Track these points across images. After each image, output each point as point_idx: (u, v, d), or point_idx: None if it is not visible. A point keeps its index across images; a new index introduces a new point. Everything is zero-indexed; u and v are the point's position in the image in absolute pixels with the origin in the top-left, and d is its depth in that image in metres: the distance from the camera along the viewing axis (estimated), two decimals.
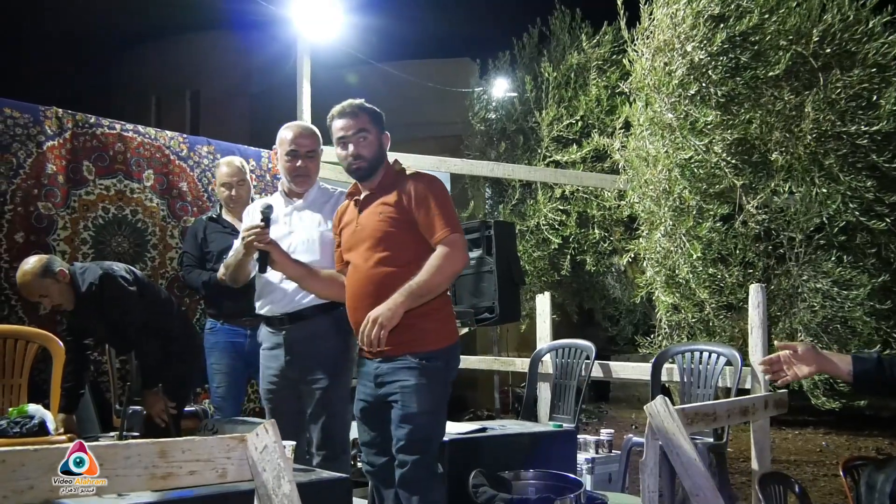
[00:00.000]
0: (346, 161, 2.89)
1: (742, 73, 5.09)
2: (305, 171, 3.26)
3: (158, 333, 3.85)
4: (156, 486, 1.86)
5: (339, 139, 2.88)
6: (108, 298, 3.70)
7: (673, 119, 5.13)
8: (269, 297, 3.25)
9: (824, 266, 5.09)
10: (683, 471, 3.12)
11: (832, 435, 8.39)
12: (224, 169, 4.26)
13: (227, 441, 1.97)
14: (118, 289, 3.71)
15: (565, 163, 7.26)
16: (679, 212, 5.17)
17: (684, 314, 5.30)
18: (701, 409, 3.64)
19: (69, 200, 4.67)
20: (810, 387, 5.07)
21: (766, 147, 5.33)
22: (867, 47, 5.03)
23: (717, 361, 4.37)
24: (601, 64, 7.33)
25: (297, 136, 3.24)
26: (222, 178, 4.24)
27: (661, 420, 3.21)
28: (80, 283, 3.68)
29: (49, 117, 4.62)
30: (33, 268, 3.57)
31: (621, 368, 5.03)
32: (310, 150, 3.26)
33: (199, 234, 4.24)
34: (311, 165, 3.28)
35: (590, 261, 7.30)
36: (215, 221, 4.27)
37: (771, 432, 8.31)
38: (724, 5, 5.05)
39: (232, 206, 4.25)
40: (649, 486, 2.98)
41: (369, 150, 2.86)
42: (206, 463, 1.92)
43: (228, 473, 1.96)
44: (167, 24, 14.54)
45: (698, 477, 3.09)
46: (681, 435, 3.19)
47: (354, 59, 9.71)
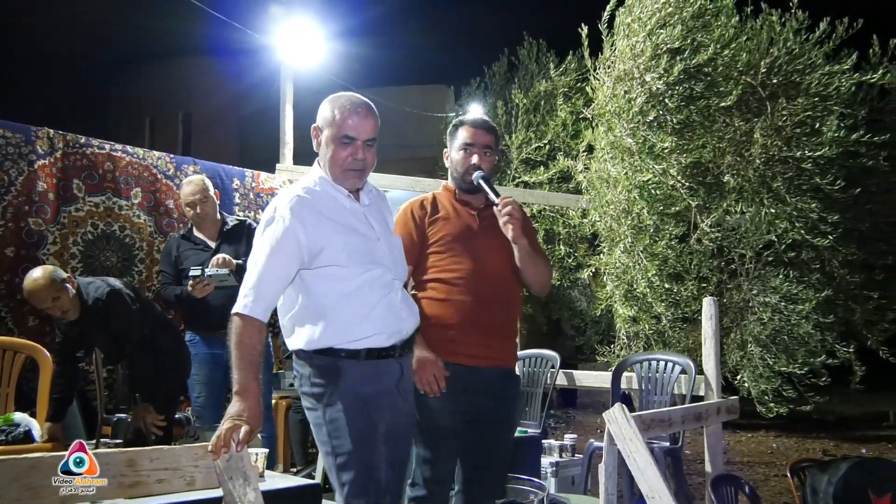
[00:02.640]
0: (467, 168, 2.52)
1: (696, 102, 5.13)
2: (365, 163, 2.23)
3: (153, 349, 3.72)
4: (124, 494, 1.80)
5: (469, 145, 2.53)
6: (113, 314, 3.59)
7: (632, 143, 5.15)
8: (371, 324, 2.15)
9: (773, 281, 5.13)
10: (640, 475, 3.09)
11: (783, 437, 8.42)
12: (187, 189, 4.12)
13: (195, 450, 1.91)
14: (124, 306, 3.61)
15: (533, 183, 7.26)
16: (637, 230, 5.18)
17: (642, 326, 5.30)
18: (657, 416, 3.62)
19: (59, 216, 4.57)
20: (759, 394, 5.08)
21: (718, 170, 5.36)
22: (810, 78, 5.09)
23: (672, 370, 4.37)
24: (567, 91, 7.37)
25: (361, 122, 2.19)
26: (186, 197, 4.10)
27: (619, 426, 3.18)
28: (85, 295, 3.58)
29: (41, 137, 4.54)
30: (45, 273, 3.46)
31: (584, 377, 5.00)
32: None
33: (173, 252, 4.13)
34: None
35: (556, 275, 7.29)
36: (187, 239, 4.16)
37: (726, 435, 8.35)
38: (682, 40, 5.08)
39: (199, 223, 4.14)
40: (608, 488, 2.96)
41: (489, 167, 2.58)
42: (175, 472, 1.86)
43: (197, 481, 1.90)
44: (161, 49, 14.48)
45: (654, 480, 3.06)
46: (637, 440, 3.16)
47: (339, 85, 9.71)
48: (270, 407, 4.35)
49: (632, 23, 5.20)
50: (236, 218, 4.32)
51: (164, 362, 3.78)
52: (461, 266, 2.45)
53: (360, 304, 2.12)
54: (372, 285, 2.14)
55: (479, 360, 2.42)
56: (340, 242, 2.12)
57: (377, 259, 2.18)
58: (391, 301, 2.18)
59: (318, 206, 2.14)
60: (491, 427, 2.49)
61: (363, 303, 2.12)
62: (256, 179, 5.69)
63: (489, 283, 2.47)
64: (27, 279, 3.48)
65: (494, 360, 2.46)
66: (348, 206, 2.20)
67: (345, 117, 2.13)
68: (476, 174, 2.51)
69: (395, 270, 2.24)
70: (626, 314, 5.27)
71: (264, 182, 5.74)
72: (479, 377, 2.42)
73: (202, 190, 4.09)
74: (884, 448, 7.54)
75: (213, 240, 4.12)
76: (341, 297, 2.11)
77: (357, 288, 2.12)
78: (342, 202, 2.19)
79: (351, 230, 2.17)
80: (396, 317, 2.19)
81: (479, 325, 2.43)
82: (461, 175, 2.55)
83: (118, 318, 3.61)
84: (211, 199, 4.13)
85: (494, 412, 2.48)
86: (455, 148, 2.58)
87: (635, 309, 5.23)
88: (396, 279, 2.24)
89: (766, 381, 4.99)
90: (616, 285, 5.32)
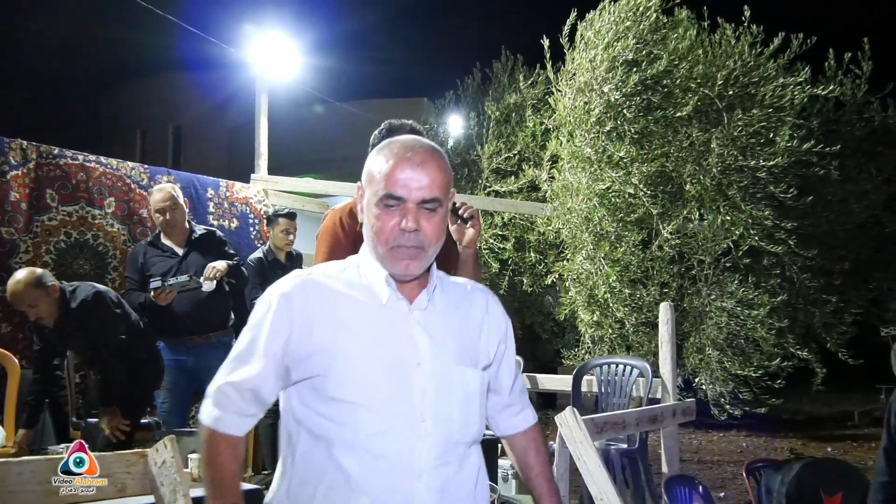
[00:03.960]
0: None
1: (654, 112, 5.12)
2: None
3: (128, 357, 3.66)
4: (52, 501, 1.75)
5: None
6: (96, 316, 3.54)
7: (592, 153, 5.14)
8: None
9: (729, 286, 5.11)
10: (589, 477, 3.07)
11: (752, 437, 8.42)
12: (156, 196, 4.07)
13: (127, 457, 1.88)
14: (107, 308, 3.57)
15: (504, 192, 7.25)
16: (598, 237, 5.16)
17: (606, 330, 5.28)
18: (610, 419, 3.60)
19: (32, 226, 4.51)
20: (715, 396, 5.06)
21: (680, 178, 5.36)
22: (764, 90, 5.09)
23: (630, 373, 4.36)
24: (535, 103, 7.36)
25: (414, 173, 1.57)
26: (156, 204, 4.05)
27: (570, 429, 3.16)
28: (69, 300, 3.52)
29: (14, 149, 4.48)
30: (26, 278, 3.41)
31: (547, 380, 4.98)
32: None
33: (139, 258, 4.07)
34: None
35: (526, 281, 7.27)
36: (154, 246, 4.10)
37: (697, 435, 8.36)
38: (637, 52, 5.08)
39: (168, 230, 4.08)
40: (559, 490, 2.92)
41: None
42: (105, 478, 1.83)
43: (128, 488, 1.86)
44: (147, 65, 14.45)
45: (602, 482, 3.04)
46: (587, 443, 3.14)
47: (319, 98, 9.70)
48: None
49: (592, 36, 5.20)
50: (205, 227, 4.28)
51: (137, 369, 3.72)
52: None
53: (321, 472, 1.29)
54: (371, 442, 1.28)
55: None
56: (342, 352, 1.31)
57: (403, 397, 1.31)
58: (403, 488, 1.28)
59: (328, 296, 1.35)
60: None
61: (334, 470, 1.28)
62: (231, 189, 5.65)
63: None
64: (10, 280, 3.45)
65: None
66: (385, 304, 1.36)
67: (394, 167, 1.33)
68: None
69: (443, 427, 1.32)
70: (588, 318, 5.25)
71: (239, 192, 5.70)
72: None
73: (171, 197, 4.05)
74: (848, 446, 7.56)
75: (181, 247, 4.07)
76: (307, 444, 1.33)
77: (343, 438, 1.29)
78: (375, 297, 1.36)
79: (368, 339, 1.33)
80: None
81: None
82: None
83: (100, 320, 3.56)
84: (180, 207, 4.08)
85: None
86: None
87: (597, 313, 5.21)
88: (439, 444, 1.32)
89: (721, 384, 4.97)
90: (578, 291, 5.30)
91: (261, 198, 5.85)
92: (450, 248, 2.46)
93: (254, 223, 5.72)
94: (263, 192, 5.89)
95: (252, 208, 5.76)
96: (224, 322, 4.12)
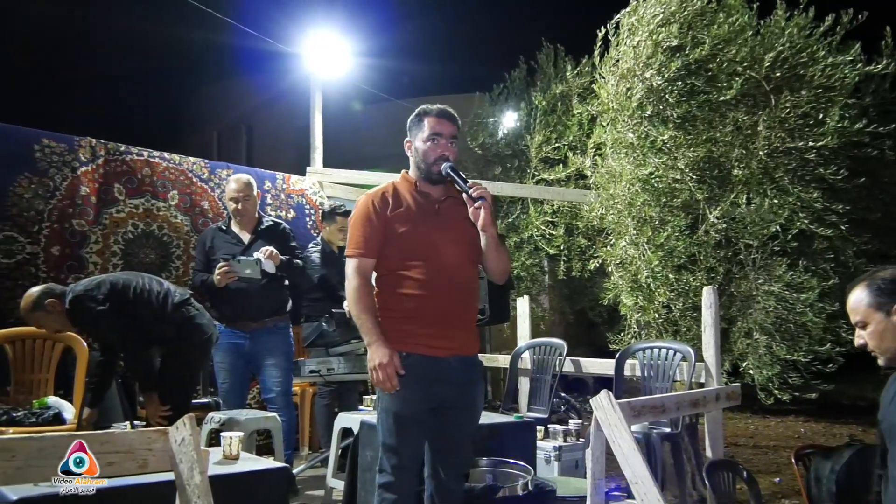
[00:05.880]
0: (436, 158, 2.36)
1: (697, 97, 4.84)
2: None
3: (147, 342, 3.56)
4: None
5: (435, 135, 2.36)
6: (80, 322, 3.49)
7: (634, 138, 4.90)
8: None
9: (777, 271, 4.80)
10: (624, 460, 2.88)
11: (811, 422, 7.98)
12: (232, 185, 4.09)
13: (148, 434, 1.83)
14: (85, 311, 3.41)
15: (551, 181, 7.05)
16: (641, 222, 4.92)
17: (650, 315, 5.04)
18: (648, 402, 3.39)
19: (101, 218, 4.61)
20: (763, 381, 4.77)
21: (728, 163, 5.06)
22: (812, 70, 4.75)
23: (673, 357, 4.14)
24: (582, 92, 7.11)
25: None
26: (230, 192, 4.08)
27: (605, 413, 3.00)
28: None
29: (83, 146, 4.58)
30: (24, 304, 3.40)
31: (590, 364, 4.78)
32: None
33: (207, 242, 4.10)
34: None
35: (576, 266, 7.06)
36: (224, 232, 4.12)
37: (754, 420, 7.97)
38: (682, 37, 4.80)
39: (238, 219, 4.09)
40: (595, 473, 2.78)
41: (455, 157, 2.41)
42: (126, 454, 1.78)
43: (150, 464, 1.81)
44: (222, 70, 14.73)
45: (637, 466, 2.86)
46: (622, 427, 2.96)
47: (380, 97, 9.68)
48: (291, 393, 4.27)
49: (635, 23, 4.94)
50: (272, 219, 4.26)
51: (166, 353, 3.62)
52: (420, 259, 2.30)
53: None
54: None
55: (437, 350, 2.28)
56: None
57: None
58: None
59: None
60: (454, 412, 2.35)
61: None
62: (287, 181, 5.66)
63: (448, 275, 2.32)
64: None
65: (453, 349, 2.32)
66: None
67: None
68: (444, 165, 2.36)
69: None
70: (632, 303, 5.02)
71: (294, 184, 5.71)
72: (438, 366, 2.28)
73: (247, 188, 4.06)
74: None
75: (249, 235, 4.08)
76: None
77: None
78: None
79: None
80: None
81: (437, 317, 2.29)
82: (428, 165, 2.38)
83: (84, 323, 3.50)
84: (253, 198, 4.09)
85: (456, 398, 2.34)
86: (420, 138, 2.39)
87: (640, 298, 4.97)
88: None
89: (769, 368, 4.68)
90: (621, 276, 5.08)
91: (316, 189, 5.84)
92: (476, 235, 2.38)
93: (309, 214, 5.73)
94: (319, 184, 5.88)
95: (308, 199, 5.76)
96: (280, 309, 4.10)
